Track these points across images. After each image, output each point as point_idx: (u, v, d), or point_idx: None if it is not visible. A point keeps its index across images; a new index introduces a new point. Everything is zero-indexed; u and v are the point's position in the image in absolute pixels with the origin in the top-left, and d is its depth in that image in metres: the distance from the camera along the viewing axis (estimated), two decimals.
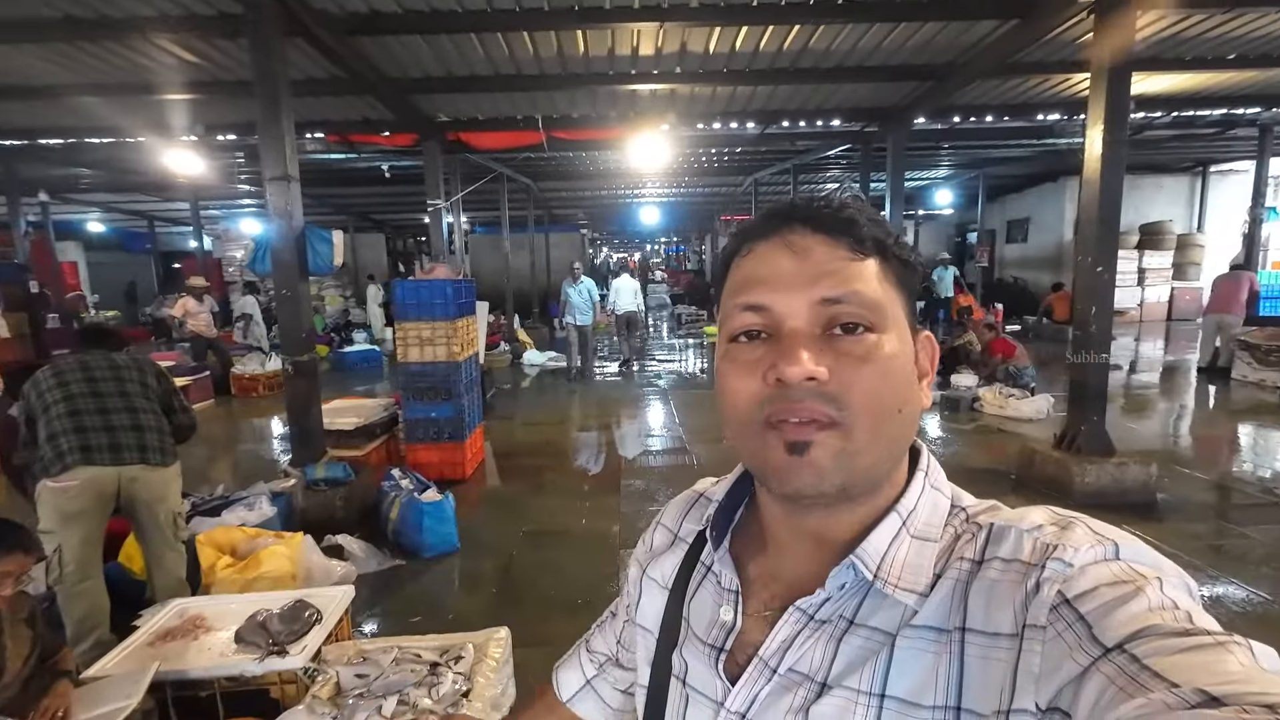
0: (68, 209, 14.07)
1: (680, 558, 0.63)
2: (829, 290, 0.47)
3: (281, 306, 4.12)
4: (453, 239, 8.95)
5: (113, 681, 1.97)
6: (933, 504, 0.51)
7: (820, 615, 0.50)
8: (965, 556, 0.47)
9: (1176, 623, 0.37)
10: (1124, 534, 0.44)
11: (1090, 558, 0.42)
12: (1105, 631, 0.38)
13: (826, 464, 0.46)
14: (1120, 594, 0.39)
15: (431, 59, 5.35)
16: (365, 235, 18.54)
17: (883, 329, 0.47)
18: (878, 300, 0.47)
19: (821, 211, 0.50)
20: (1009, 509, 0.51)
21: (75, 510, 2.50)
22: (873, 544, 0.48)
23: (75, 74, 5.41)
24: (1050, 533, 0.45)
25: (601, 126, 7.38)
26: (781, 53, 5.50)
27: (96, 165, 9.18)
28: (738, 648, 0.54)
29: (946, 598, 0.46)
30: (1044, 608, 0.41)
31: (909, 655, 0.45)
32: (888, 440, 0.48)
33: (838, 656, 0.48)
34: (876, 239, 0.49)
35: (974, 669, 0.43)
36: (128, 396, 2.66)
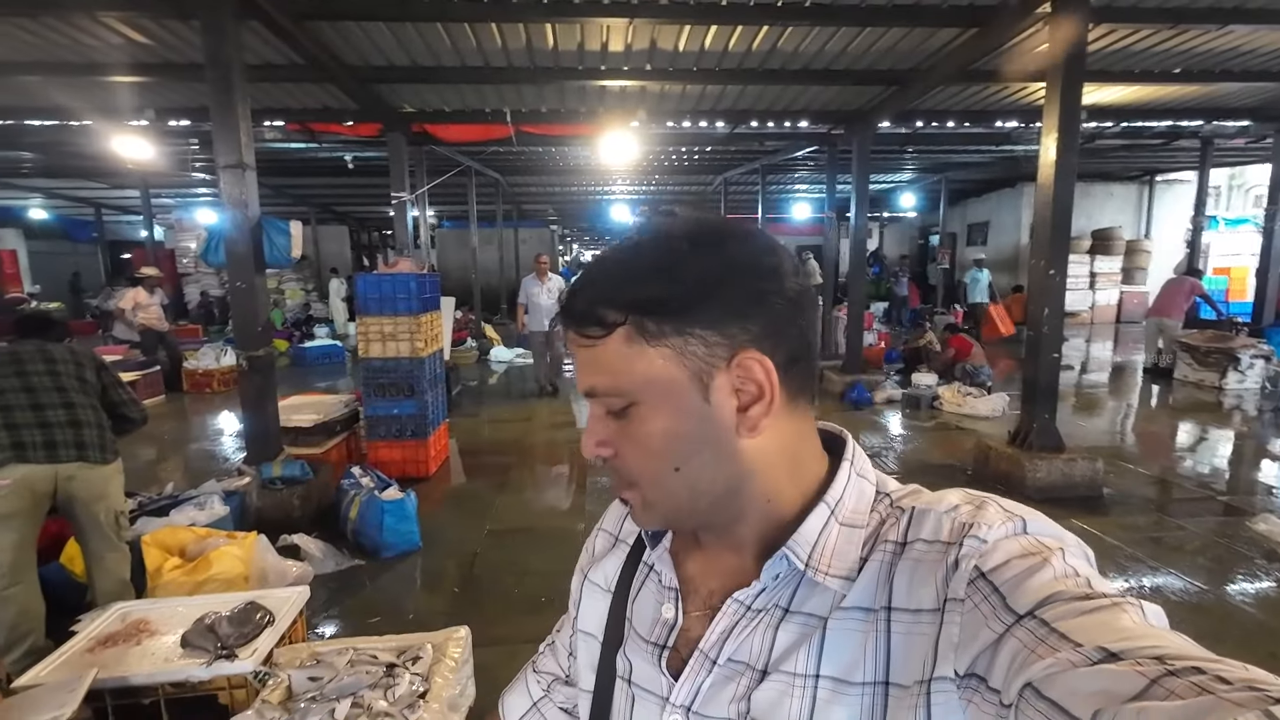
0: (7, 194, 13.37)
1: (622, 559, 0.64)
2: (583, 386, 0.51)
3: (236, 299, 3.98)
4: (418, 233, 8.78)
5: (46, 690, 1.87)
6: (859, 492, 0.54)
7: (756, 605, 0.52)
8: (890, 539, 0.50)
9: (1078, 588, 0.40)
10: (1030, 510, 0.48)
11: (1002, 533, 0.45)
12: (1017, 600, 0.41)
13: (639, 515, 0.53)
14: (1029, 565, 0.42)
15: (394, 47, 5.23)
16: (328, 228, 18.08)
17: (640, 402, 0.49)
18: (616, 385, 0.49)
19: (573, 305, 0.50)
20: (929, 492, 0.53)
21: (7, 511, 2.38)
22: (803, 534, 0.51)
23: (14, 52, 5.14)
24: (966, 512, 0.48)
25: (570, 122, 7.32)
26: (750, 53, 5.54)
27: (39, 149, 8.74)
28: (681, 643, 0.55)
29: (873, 579, 0.49)
30: (962, 582, 0.44)
31: (840, 636, 0.48)
32: (679, 491, 0.51)
33: (775, 643, 0.50)
34: (626, 304, 0.48)
35: (899, 645, 0.46)
36: (64, 391, 2.53)
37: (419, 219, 8.70)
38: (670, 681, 0.54)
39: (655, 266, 0.49)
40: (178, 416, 7.39)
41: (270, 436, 4.12)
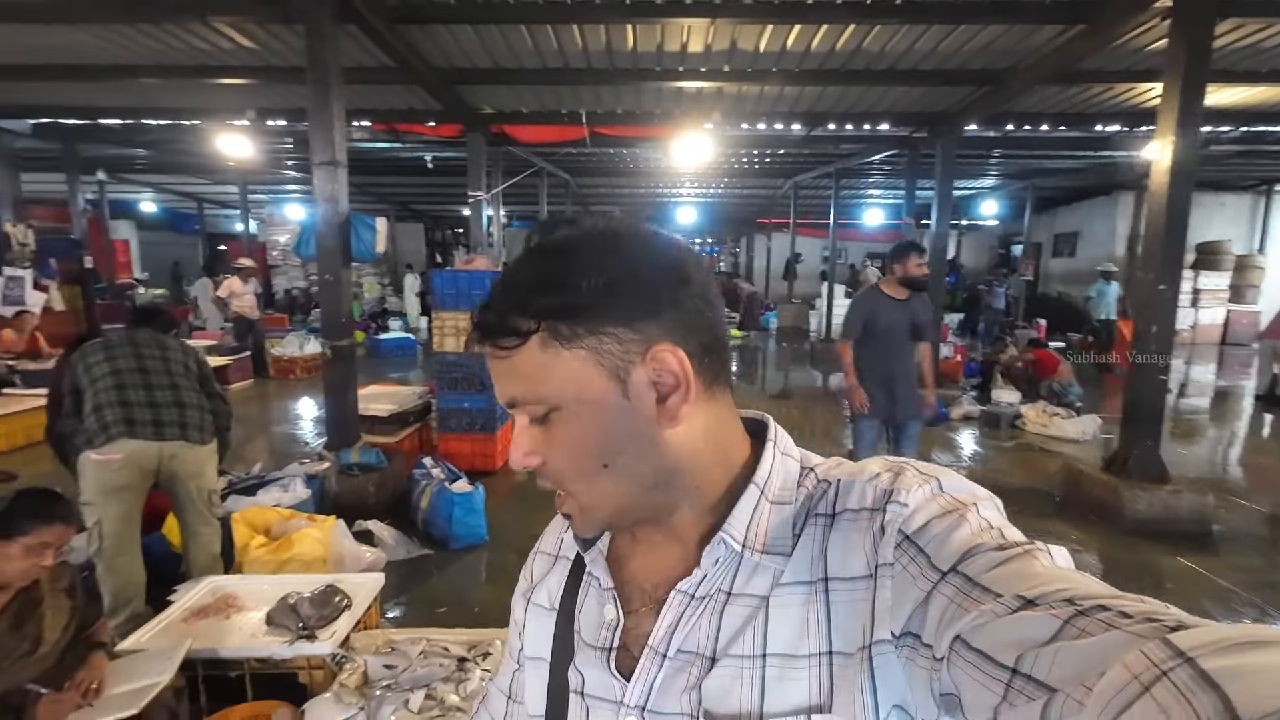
0: (123, 188, 14.54)
1: (564, 575, 0.64)
2: (505, 394, 0.51)
3: (324, 291, 4.16)
4: (491, 231, 9.00)
5: (146, 656, 1.98)
6: (785, 470, 0.55)
7: (700, 593, 0.53)
8: (820, 513, 0.52)
9: (993, 540, 0.43)
10: (943, 469, 0.50)
11: (920, 497, 0.48)
12: (941, 558, 0.44)
13: (579, 523, 0.53)
14: (948, 523, 0.45)
15: (479, 50, 5.35)
16: (405, 225, 18.80)
17: (561, 406, 0.49)
18: (535, 391, 0.49)
19: (486, 318, 0.50)
20: (851, 463, 0.56)
21: (117, 484, 2.54)
22: (737, 517, 0.52)
23: (135, 55, 5.55)
24: (886, 479, 0.50)
25: (644, 123, 7.33)
26: (833, 53, 5.38)
27: (152, 146, 9.44)
28: (631, 643, 0.55)
29: (808, 553, 0.51)
30: (890, 546, 0.47)
31: (782, 612, 0.50)
32: (615, 490, 0.52)
33: (721, 628, 0.51)
34: (539, 311, 0.48)
35: (839, 613, 0.48)
36: (172, 375, 2.69)
37: (492, 218, 8.91)
38: (622, 684, 0.54)
39: (562, 272, 0.49)
40: (263, 400, 7.82)
41: (349, 424, 4.28)
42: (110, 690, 1.79)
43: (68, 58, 5.64)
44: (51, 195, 11.78)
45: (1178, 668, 0.27)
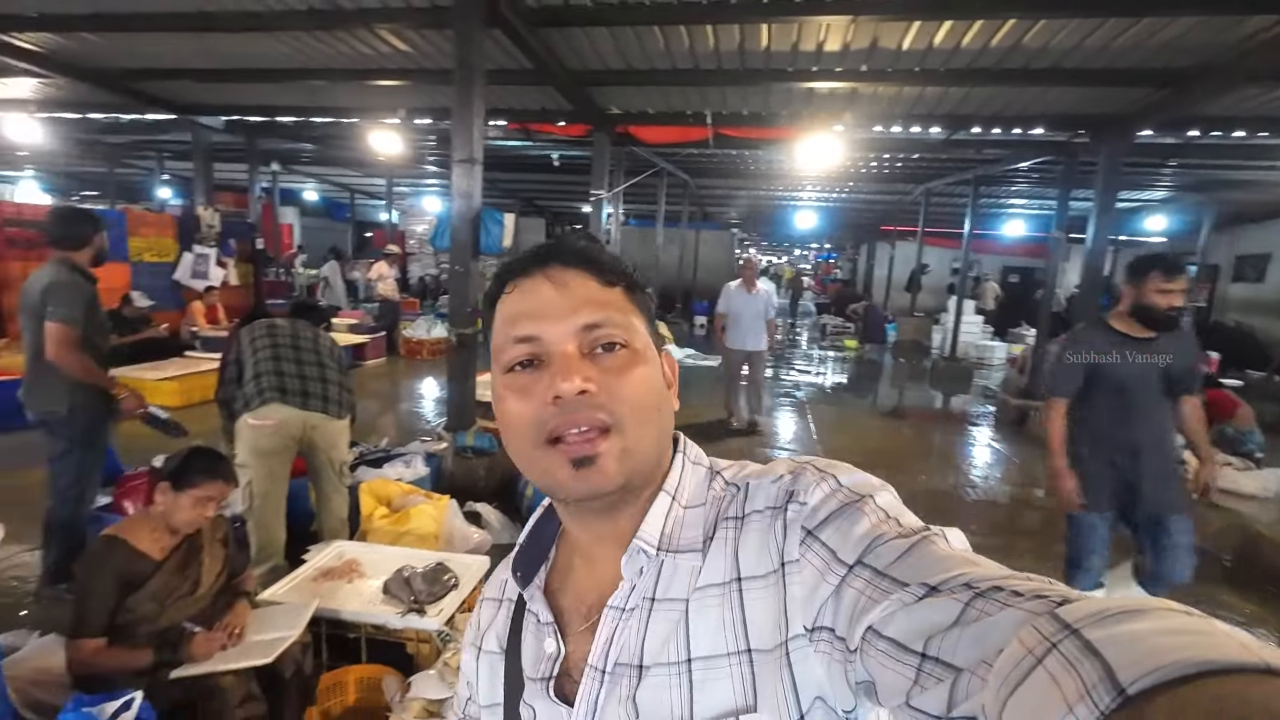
0: (291, 178, 16.28)
1: (509, 616, 0.65)
2: (589, 316, 0.54)
3: (453, 281, 4.40)
4: (610, 229, 9.16)
5: (281, 610, 2.17)
6: (694, 477, 0.59)
7: (629, 605, 0.54)
8: (730, 515, 0.55)
9: (892, 530, 0.46)
10: (840, 464, 0.54)
11: (820, 494, 0.51)
12: (845, 551, 0.46)
13: (611, 465, 0.52)
14: (848, 517, 0.48)
15: (613, 51, 5.44)
16: (528, 220, 19.61)
17: (635, 345, 0.55)
18: (628, 321, 0.55)
19: (573, 248, 0.57)
20: (756, 464, 0.59)
21: (267, 448, 2.81)
22: (650, 523, 0.55)
23: (309, 60, 6.15)
24: (788, 479, 0.53)
25: (771, 125, 7.14)
26: (985, 50, 4.95)
27: (317, 141, 10.48)
28: (572, 667, 0.57)
29: (720, 555, 0.53)
30: (795, 544, 0.49)
31: (701, 615, 0.51)
32: (654, 434, 0.55)
33: (647, 637, 0.52)
34: (619, 271, 0.57)
35: (753, 611, 0.50)
36: (320, 356, 2.98)
37: (612, 215, 9.07)
38: (567, 709, 0.55)
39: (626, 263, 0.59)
40: (393, 377, 8.46)
41: (467, 408, 4.50)
42: (249, 637, 1.98)
43: (255, 63, 6.36)
44: (232, 183, 13.43)
45: (1065, 639, 0.29)
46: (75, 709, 1.43)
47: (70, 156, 13.08)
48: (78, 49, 6.27)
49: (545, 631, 0.60)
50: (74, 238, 2.80)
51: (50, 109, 8.50)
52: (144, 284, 7.75)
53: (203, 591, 2.01)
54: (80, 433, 2.81)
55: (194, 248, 8.21)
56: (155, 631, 1.89)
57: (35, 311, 2.67)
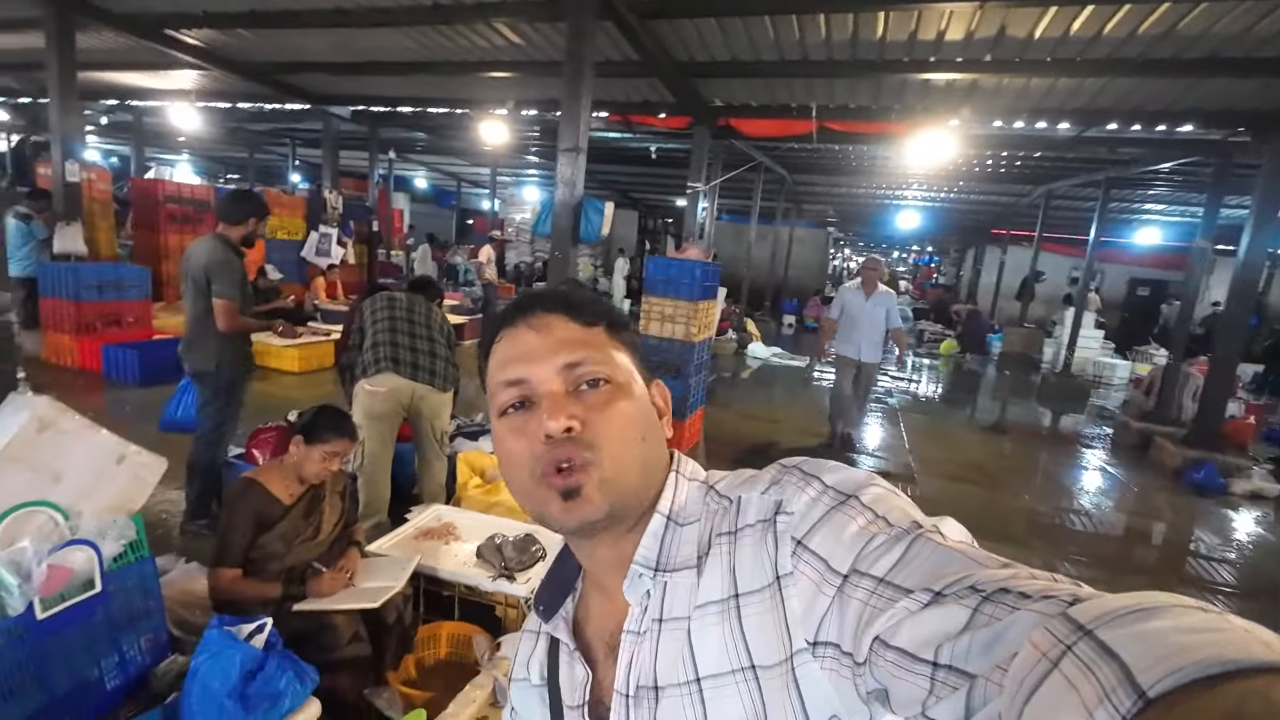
0: (404, 167, 17.32)
1: (546, 647, 0.67)
2: (569, 355, 0.56)
3: (553, 267, 4.54)
4: (704, 223, 9.14)
5: (388, 561, 2.34)
6: (687, 493, 0.59)
7: (641, 628, 0.56)
8: (724, 531, 0.54)
9: (881, 530, 0.46)
10: (825, 463, 0.54)
11: (805, 501, 0.50)
12: (837, 560, 0.46)
13: (594, 494, 0.53)
14: (836, 523, 0.48)
15: (719, 43, 5.41)
16: (621, 211, 19.84)
17: (617, 379, 0.57)
18: (609, 357, 0.58)
19: (552, 296, 0.61)
20: (748, 473, 0.58)
21: (379, 412, 3.03)
22: (645, 545, 0.56)
23: (429, 53, 6.52)
24: (775, 490, 0.53)
25: (879, 119, 6.86)
26: (1132, 38, 4.52)
27: (430, 130, 11.10)
28: (603, 694, 0.59)
29: (717, 572, 0.53)
30: (786, 555, 0.49)
31: (703, 634, 0.52)
32: (638, 463, 0.56)
33: (659, 658, 0.54)
34: (598, 311, 0.61)
35: (752, 626, 0.49)
36: (431, 331, 3.18)
37: (707, 209, 9.03)
38: None
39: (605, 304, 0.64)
40: None
41: None
42: (359, 583, 2.15)
43: (381, 56, 6.81)
44: (353, 169, 14.44)
45: (1080, 641, 0.29)
46: (218, 626, 1.62)
47: (219, 142, 14.53)
48: (234, 44, 6.95)
49: (574, 659, 0.62)
50: (233, 216, 3.16)
51: (206, 99, 9.48)
52: (275, 259, 8.51)
53: (323, 537, 2.20)
54: (223, 386, 3.20)
55: (319, 227, 8.92)
56: (283, 569, 2.09)
57: (198, 283, 3.04)
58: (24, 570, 1.49)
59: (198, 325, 3.08)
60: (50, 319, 6.03)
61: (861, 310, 5.33)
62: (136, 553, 1.75)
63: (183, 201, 7.85)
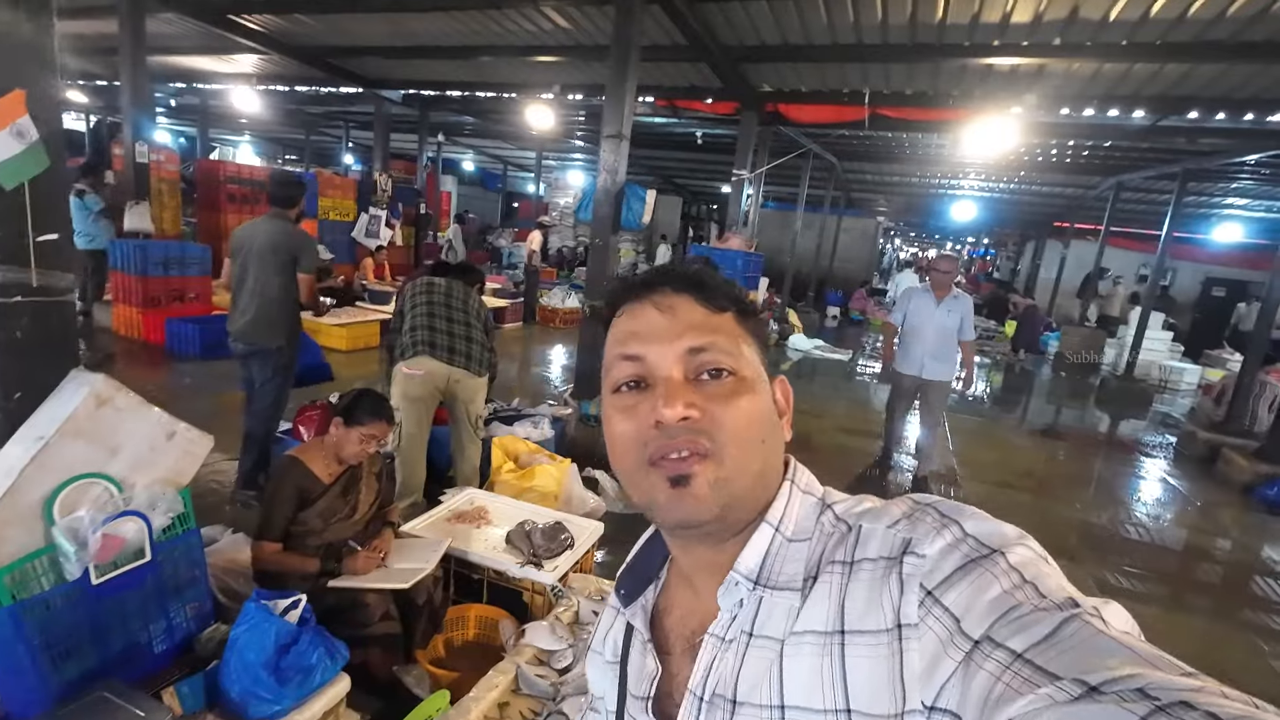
0: (453, 150, 17.56)
1: (624, 627, 0.65)
2: (694, 340, 0.53)
3: (593, 254, 4.54)
4: (748, 211, 8.99)
5: (420, 543, 2.39)
6: (802, 507, 0.56)
7: (728, 636, 0.53)
8: (838, 559, 0.50)
9: (1029, 600, 0.40)
10: (967, 508, 0.48)
11: (940, 546, 0.45)
12: (971, 622, 0.41)
13: (704, 492, 0.50)
14: (975, 579, 0.42)
15: (770, 26, 5.26)
16: (665, 197, 19.73)
17: (742, 372, 0.54)
18: (736, 348, 0.54)
19: (682, 275, 0.57)
20: (873, 502, 0.54)
21: (415, 394, 3.10)
22: (749, 555, 0.53)
23: (479, 37, 6.55)
24: (904, 526, 0.48)
25: (937, 106, 6.58)
26: (1221, 20, 4.20)
27: (479, 115, 11.20)
28: (673, 689, 0.57)
29: (824, 602, 0.49)
30: (912, 604, 0.44)
31: (796, 662, 0.48)
32: (756, 465, 0.53)
33: (742, 672, 0.51)
34: (729, 296, 0.57)
35: (857, 670, 0.45)
36: (468, 316, 3.21)
37: (752, 197, 8.88)
38: None
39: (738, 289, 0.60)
40: (528, 341, 8.94)
41: (594, 378, 4.65)
42: (391, 563, 2.20)
43: (433, 40, 6.89)
44: (403, 152, 14.72)
45: None
46: (256, 599, 1.68)
47: (278, 124, 15.00)
48: (292, 29, 7.13)
49: (647, 651, 0.60)
50: (290, 198, 3.29)
51: (266, 82, 9.78)
52: (327, 239, 8.76)
53: (359, 516, 2.26)
54: (287, 363, 3.35)
55: (369, 209, 9.13)
56: (321, 544, 2.16)
57: (281, 259, 3.17)
58: (80, 538, 1.58)
59: (277, 301, 3.22)
60: (119, 293, 6.36)
61: (930, 317, 4.38)
62: (184, 525, 1.82)
63: (242, 182, 8.14)
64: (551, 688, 1.83)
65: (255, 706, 1.56)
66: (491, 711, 1.73)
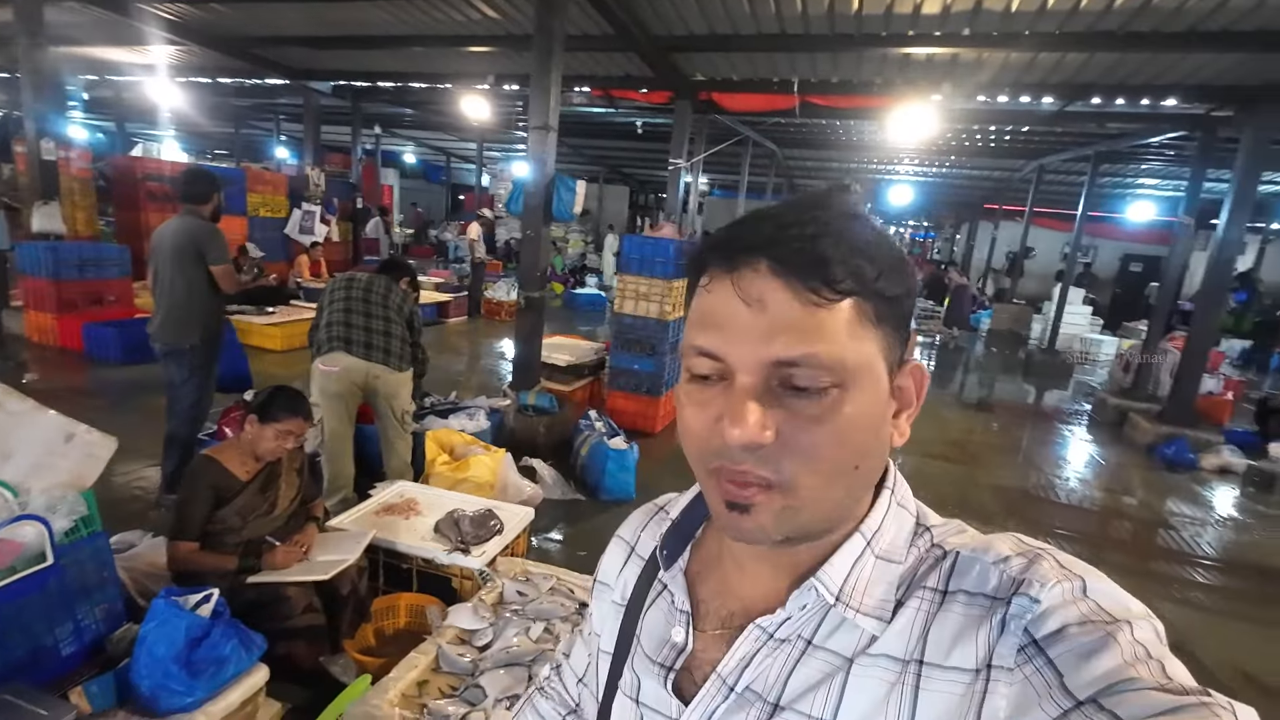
0: (392, 142, 17.13)
1: (637, 573, 0.61)
2: (784, 350, 0.42)
3: (525, 245, 4.55)
4: (688, 199, 9.10)
5: (345, 536, 2.41)
6: (898, 524, 0.50)
7: (780, 634, 0.49)
8: (929, 585, 0.46)
9: (1151, 676, 0.36)
10: (1090, 568, 0.43)
11: (1058, 596, 0.41)
12: (1076, 681, 0.37)
13: (768, 522, 0.44)
14: (1091, 639, 0.38)
15: (696, 16, 5.34)
16: (613, 187, 19.76)
17: (846, 385, 0.43)
18: (843, 356, 0.42)
19: (791, 247, 0.43)
20: (975, 533, 0.49)
21: (333, 391, 3.08)
22: (835, 566, 0.48)
23: (409, 27, 6.43)
24: (1017, 565, 0.44)
25: (862, 94, 6.79)
26: (1110, 11, 4.48)
27: (415, 105, 10.97)
28: (694, 665, 0.53)
29: (907, 627, 0.45)
30: (1011, 648, 0.40)
31: (863, 682, 0.45)
32: (839, 495, 0.46)
33: (792, 677, 0.47)
34: (856, 273, 0.42)
35: (928, 702, 0.42)
36: (388, 311, 3.17)
37: (690, 186, 8.99)
38: (679, 704, 0.52)
39: (885, 248, 0.44)
40: (471, 335, 8.87)
41: (532, 368, 4.70)
42: (314, 556, 2.22)
43: (359, 30, 6.72)
44: (342, 145, 14.29)
45: None
46: (165, 596, 1.69)
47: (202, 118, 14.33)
48: (208, 18, 6.85)
49: (678, 620, 0.55)
50: (200, 194, 3.20)
51: (185, 74, 9.35)
52: (258, 236, 8.49)
53: (279, 512, 2.26)
54: (204, 361, 3.27)
55: (302, 205, 8.87)
56: (240, 542, 2.16)
57: (186, 256, 3.09)
58: None
59: (184, 300, 3.14)
60: (30, 298, 6.04)
61: None
62: (89, 527, 1.80)
63: (162, 179, 7.80)
64: (471, 664, 1.89)
65: (167, 700, 1.58)
66: (410, 689, 1.78)
